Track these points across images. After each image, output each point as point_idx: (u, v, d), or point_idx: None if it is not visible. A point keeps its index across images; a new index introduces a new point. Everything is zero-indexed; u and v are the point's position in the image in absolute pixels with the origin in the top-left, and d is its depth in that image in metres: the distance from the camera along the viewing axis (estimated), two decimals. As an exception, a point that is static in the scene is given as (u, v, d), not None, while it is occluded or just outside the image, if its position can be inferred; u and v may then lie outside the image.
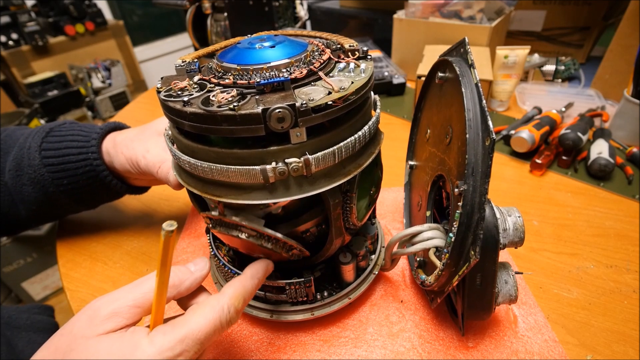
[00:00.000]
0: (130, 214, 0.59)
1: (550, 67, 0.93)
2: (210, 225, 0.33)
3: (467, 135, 0.28)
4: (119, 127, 0.50)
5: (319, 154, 0.26)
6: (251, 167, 0.26)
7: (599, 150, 0.61)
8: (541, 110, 0.74)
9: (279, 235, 0.30)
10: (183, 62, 0.31)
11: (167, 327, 0.25)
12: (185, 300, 0.29)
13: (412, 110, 0.72)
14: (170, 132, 0.32)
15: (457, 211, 0.28)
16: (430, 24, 0.88)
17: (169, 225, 0.22)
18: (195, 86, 0.28)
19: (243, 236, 0.31)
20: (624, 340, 0.38)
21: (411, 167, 0.49)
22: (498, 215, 0.31)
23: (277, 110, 0.24)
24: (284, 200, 0.27)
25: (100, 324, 0.24)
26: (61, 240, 0.54)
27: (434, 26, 0.88)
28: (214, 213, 0.31)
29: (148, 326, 0.26)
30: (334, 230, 0.32)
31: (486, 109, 0.28)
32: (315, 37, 0.36)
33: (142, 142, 0.44)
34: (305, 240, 0.35)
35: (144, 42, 2.52)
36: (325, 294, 0.38)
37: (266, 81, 0.26)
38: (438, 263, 0.32)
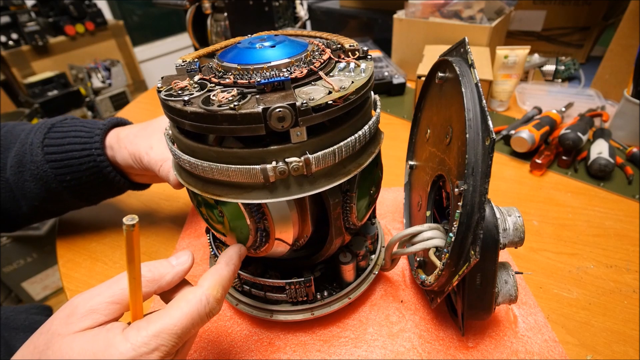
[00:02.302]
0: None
1: (550, 67, 0.93)
2: None
3: (467, 135, 0.28)
4: (122, 122, 0.50)
5: (320, 153, 0.26)
6: (251, 166, 0.26)
7: (599, 150, 0.61)
8: (541, 110, 0.74)
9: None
10: (183, 61, 0.31)
11: (142, 323, 0.24)
12: (168, 295, 0.29)
13: (412, 110, 0.72)
14: (170, 132, 0.32)
15: (457, 211, 0.28)
16: (430, 24, 0.88)
17: (129, 220, 0.22)
18: (196, 86, 0.28)
19: None
20: (624, 340, 0.38)
21: (411, 167, 0.49)
22: (498, 215, 0.31)
23: (278, 110, 0.24)
24: (284, 199, 0.27)
25: (77, 321, 0.24)
26: (61, 240, 0.54)
27: (434, 26, 0.88)
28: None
29: (130, 322, 0.26)
30: (333, 230, 0.32)
31: (486, 109, 0.28)
32: (315, 37, 0.36)
33: (145, 138, 0.44)
34: (309, 242, 0.35)
35: (144, 42, 2.52)
36: (325, 293, 0.38)
37: (266, 81, 0.26)
38: (438, 263, 0.32)
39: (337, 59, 0.31)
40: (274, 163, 0.26)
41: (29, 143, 0.45)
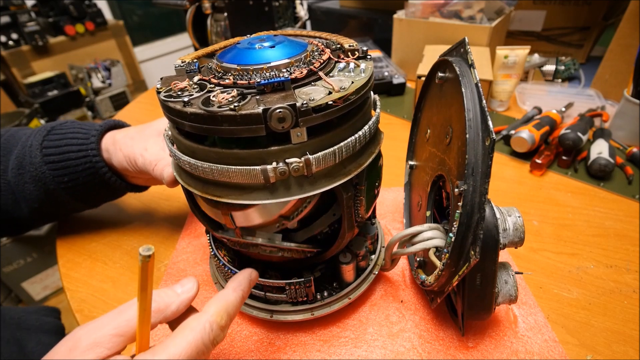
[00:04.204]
0: (130, 214, 0.59)
1: (550, 67, 0.93)
2: (228, 243, 0.33)
3: (467, 135, 0.28)
4: (119, 125, 0.50)
5: (320, 153, 0.26)
6: (252, 167, 0.26)
7: (599, 150, 0.61)
8: (541, 110, 0.74)
9: (298, 247, 0.31)
10: (183, 62, 0.31)
11: (147, 355, 0.24)
12: (175, 322, 0.28)
13: (412, 110, 0.72)
14: (170, 133, 0.32)
15: (457, 211, 0.28)
16: (430, 24, 0.88)
17: (146, 250, 0.21)
18: (195, 86, 0.28)
19: (263, 252, 0.32)
20: (624, 340, 0.38)
21: (411, 167, 0.49)
22: (498, 215, 0.31)
23: (278, 110, 0.24)
24: (285, 200, 0.27)
25: (80, 355, 0.23)
26: (61, 240, 0.54)
27: (434, 26, 0.88)
28: (231, 236, 0.32)
29: (134, 355, 0.25)
30: (346, 223, 0.32)
31: (486, 109, 0.28)
32: (315, 37, 0.36)
33: (141, 140, 0.45)
34: (318, 239, 0.35)
35: (144, 42, 2.52)
36: (325, 294, 0.38)
37: (266, 81, 0.26)
38: (438, 263, 0.32)
39: (336, 59, 0.31)
40: (274, 164, 0.26)
41: (28, 145, 0.46)
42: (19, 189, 0.46)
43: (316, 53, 0.31)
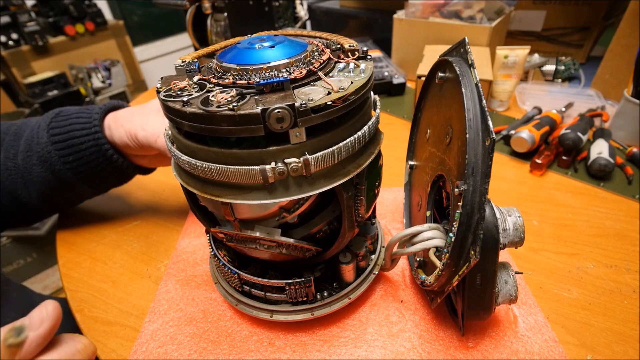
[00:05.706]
0: (130, 214, 0.59)
1: (550, 67, 0.93)
2: (225, 240, 0.33)
3: (467, 135, 0.28)
4: (121, 106, 0.52)
5: (319, 154, 0.26)
6: (250, 167, 0.26)
7: (599, 150, 0.61)
8: (541, 110, 0.74)
9: (297, 242, 0.31)
10: (183, 62, 0.31)
11: None
12: None
13: (412, 110, 0.72)
14: (170, 132, 0.32)
15: (457, 211, 0.28)
16: (430, 24, 0.88)
17: (14, 335, 0.16)
18: (195, 86, 0.28)
19: (260, 248, 0.32)
20: (624, 340, 0.38)
21: (411, 167, 0.49)
22: (498, 215, 0.31)
23: (277, 111, 0.24)
24: (284, 200, 0.27)
25: None
26: (61, 241, 0.54)
27: (434, 26, 0.88)
28: (228, 229, 0.31)
29: None
30: (347, 223, 0.32)
31: (486, 109, 0.27)
32: (315, 37, 0.36)
33: (141, 116, 0.46)
34: (317, 239, 0.35)
35: (144, 42, 2.52)
36: (325, 294, 0.38)
37: (265, 81, 0.26)
38: (438, 263, 0.32)
39: (336, 59, 0.31)
40: (273, 164, 0.26)
41: (36, 127, 0.48)
42: (27, 172, 0.47)
43: (316, 53, 0.31)
